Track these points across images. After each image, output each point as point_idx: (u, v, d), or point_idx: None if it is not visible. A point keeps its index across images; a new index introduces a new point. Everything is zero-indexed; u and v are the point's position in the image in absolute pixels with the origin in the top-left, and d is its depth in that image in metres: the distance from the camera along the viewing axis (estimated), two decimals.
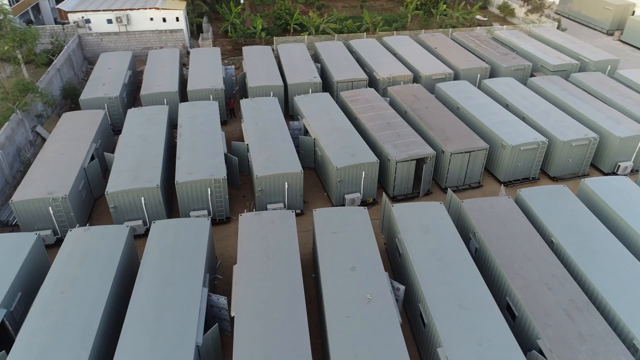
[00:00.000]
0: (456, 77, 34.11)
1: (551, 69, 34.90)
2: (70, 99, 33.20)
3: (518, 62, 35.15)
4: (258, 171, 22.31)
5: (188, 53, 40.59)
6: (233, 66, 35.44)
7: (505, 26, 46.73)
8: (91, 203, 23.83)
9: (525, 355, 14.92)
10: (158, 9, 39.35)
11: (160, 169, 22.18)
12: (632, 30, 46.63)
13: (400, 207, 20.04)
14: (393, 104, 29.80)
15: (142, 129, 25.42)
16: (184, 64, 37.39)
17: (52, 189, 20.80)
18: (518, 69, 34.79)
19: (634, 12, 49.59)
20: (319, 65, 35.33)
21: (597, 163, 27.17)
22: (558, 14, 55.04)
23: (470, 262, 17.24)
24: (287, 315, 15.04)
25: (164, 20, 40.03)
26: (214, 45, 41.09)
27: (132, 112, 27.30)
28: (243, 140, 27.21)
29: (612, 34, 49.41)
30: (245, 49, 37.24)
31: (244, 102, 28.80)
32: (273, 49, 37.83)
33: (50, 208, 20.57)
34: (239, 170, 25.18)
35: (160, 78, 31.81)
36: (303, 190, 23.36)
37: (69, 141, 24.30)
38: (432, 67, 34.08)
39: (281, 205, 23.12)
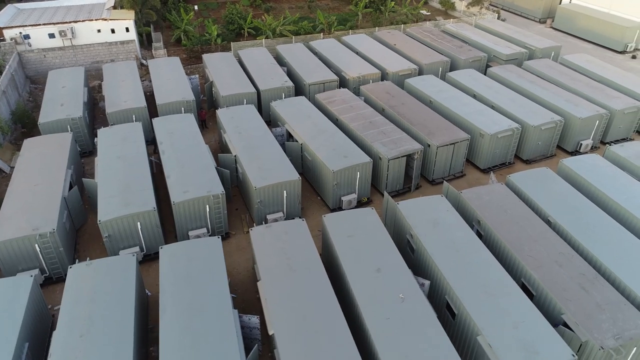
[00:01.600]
0: (420, 72, 35.24)
1: (504, 59, 37.08)
2: (22, 124, 30.43)
3: (474, 53, 36.99)
4: (256, 182, 21.79)
5: (142, 65, 38.62)
6: (197, 75, 34.20)
7: (451, 20, 48.91)
8: (74, 234, 22.08)
9: None
10: (106, 19, 37.01)
11: (152, 190, 21.03)
12: (561, 17, 50.65)
13: (406, 204, 20.47)
14: (368, 103, 30.23)
15: (119, 150, 23.89)
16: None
17: (36, 224, 19.03)
18: (475, 60, 36.61)
19: (561, 1, 53.88)
20: (284, 68, 35.01)
21: (561, 143, 29.33)
22: (493, 6, 58.44)
23: (484, 250, 18.02)
24: (327, 326, 14.92)
25: (113, 31, 37.73)
26: (168, 55, 39.35)
27: (103, 133, 25.55)
28: (221, 152, 26.46)
29: (544, 22, 53.36)
30: (205, 56, 36.05)
31: (220, 112, 27.93)
32: (234, 55, 36.93)
33: (36, 245, 18.81)
34: (230, 183, 24.44)
35: (123, 93, 30.00)
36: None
37: (41, 170, 22.31)
38: (397, 64, 34.96)
39: (280, 214, 22.78)
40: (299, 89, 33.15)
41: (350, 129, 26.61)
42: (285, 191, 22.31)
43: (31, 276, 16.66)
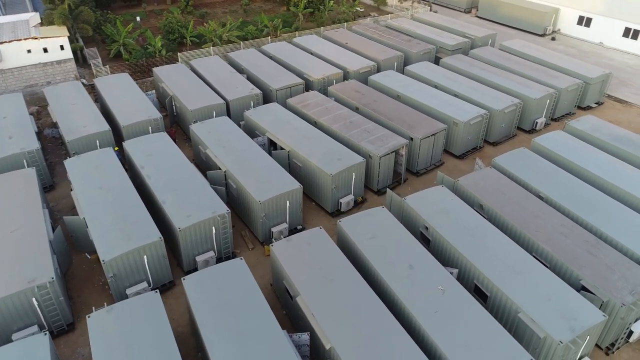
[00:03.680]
0: (378, 68, 36.13)
1: (450, 49, 39.20)
2: None
3: (423, 46, 38.68)
4: (259, 196, 21.15)
5: (84, 85, 35.50)
6: (153, 91, 32.21)
7: (389, 15, 50.62)
8: (64, 280, 19.93)
9: None
10: (36, 38, 33.50)
11: (151, 219, 19.58)
12: (485, 7, 54.58)
13: (412, 198, 21.05)
14: (340, 103, 30.46)
15: (98, 180, 21.89)
16: None
17: (29, 275, 16.91)
18: (425, 52, 38.31)
19: None
20: (245, 75, 34.13)
21: (520, 124, 31.75)
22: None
23: (498, 232, 19.11)
24: (382, 330, 15.02)
25: (46, 50, 34.27)
26: (111, 72, 36.56)
27: (71, 163, 23.24)
28: (197, 169, 25.24)
29: (469, 12, 57.09)
30: (156, 70, 34.06)
31: (195, 127, 26.63)
32: (187, 66, 35.23)
33: (34, 299, 16.73)
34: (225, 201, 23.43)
35: (78, 118, 27.43)
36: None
37: (13, 213, 19.81)
38: (356, 62, 35.55)
39: (285, 225, 22.34)
40: (264, 96, 32.50)
41: (332, 131, 26.68)
42: (288, 201, 21.91)
43: (44, 334, 14.83)
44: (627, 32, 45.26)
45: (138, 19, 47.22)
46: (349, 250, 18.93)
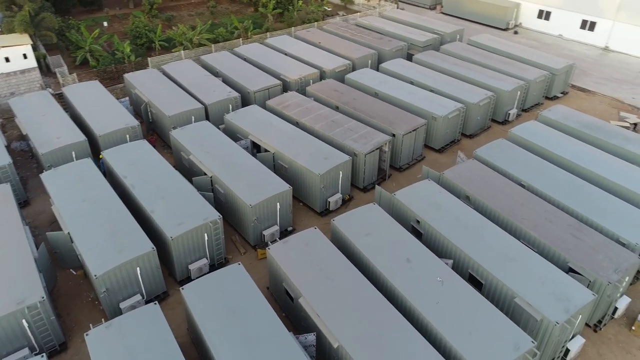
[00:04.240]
0: (353, 67, 36.41)
1: (421, 45, 39.97)
2: None
3: (395, 43, 39.27)
4: (250, 200, 20.97)
5: (52, 94, 34.06)
6: (127, 98, 31.31)
7: (357, 13, 51.08)
8: (50, 298, 19.09)
9: None
10: None
11: (141, 229, 19.07)
12: (449, 3, 55.97)
13: (402, 193, 21.41)
14: (320, 103, 30.54)
15: (81, 193, 21.12)
16: None
17: (18, 295, 16.17)
18: (398, 49, 38.91)
19: None
20: (220, 79, 33.67)
21: (493, 115, 32.77)
22: None
23: (487, 222, 19.70)
24: (389, 325, 15.23)
25: (7, 60, 32.66)
26: (79, 80, 35.23)
27: (49, 177, 22.34)
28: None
29: (434, 8, 58.37)
30: (128, 76, 33.12)
31: (176, 133, 26.09)
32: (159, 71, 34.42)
33: (24, 321, 16.00)
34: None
35: (51, 129, 26.33)
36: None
37: None
38: (331, 62, 35.71)
39: (276, 227, 22.25)
40: (242, 98, 32.14)
41: (315, 131, 26.73)
42: (278, 203, 21.82)
43: (42, 357, 14.22)
44: (584, 24, 47.49)
45: (105, 24, 45.70)
46: (344, 248, 19.05)
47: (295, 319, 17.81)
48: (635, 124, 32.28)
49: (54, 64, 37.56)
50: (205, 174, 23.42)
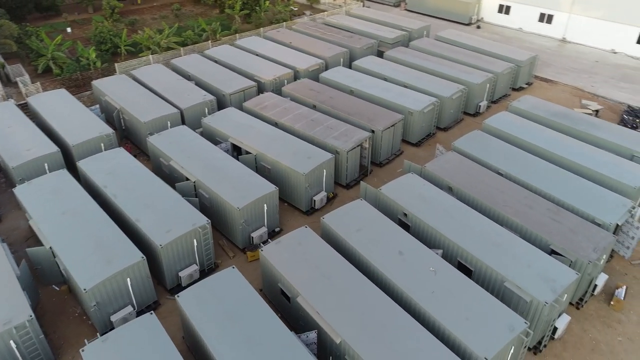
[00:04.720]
0: (326, 65, 36.61)
1: (391, 42, 40.65)
2: None
3: (365, 41, 39.75)
4: (237, 203, 20.82)
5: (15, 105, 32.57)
6: (97, 106, 30.36)
7: (324, 12, 51.34)
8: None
9: None
10: None
11: (128, 239, 18.60)
12: (412, 0, 57.05)
13: (387, 188, 21.79)
14: (297, 102, 30.57)
15: (59, 205, 20.38)
16: None
17: (4, 316, 15.48)
18: (368, 47, 39.41)
19: None
20: (193, 82, 33.16)
21: (465, 108, 33.75)
22: None
23: (472, 211, 20.34)
24: (389, 318, 15.51)
25: None
26: (43, 89, 33.87)
27: (23, 191, 21.43)
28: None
29: (398, 6, 59.41)
30: (96, 83, 32.13)
31: (154, 139, 25.55)
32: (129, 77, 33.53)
33: (11, 342, 15.33)
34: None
35: (19, 141, 25.22)
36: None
37: None
38: (303, 61, 35.77)
39: (264, 229, 22.19)
40: (217, 101, 31.74)
41: (296, 131, 26.78)
42: (265, 205, 21.77)
43: None
44: (542, 17, 49.56)
45: (69, 30, 44.03)
46: (336, 245, 19.22)
47: (292, 319, 17.84)
48: (597, 111, 34.02)
49: (14, 73, 35.93)
50: (188, 180, 23.07)
